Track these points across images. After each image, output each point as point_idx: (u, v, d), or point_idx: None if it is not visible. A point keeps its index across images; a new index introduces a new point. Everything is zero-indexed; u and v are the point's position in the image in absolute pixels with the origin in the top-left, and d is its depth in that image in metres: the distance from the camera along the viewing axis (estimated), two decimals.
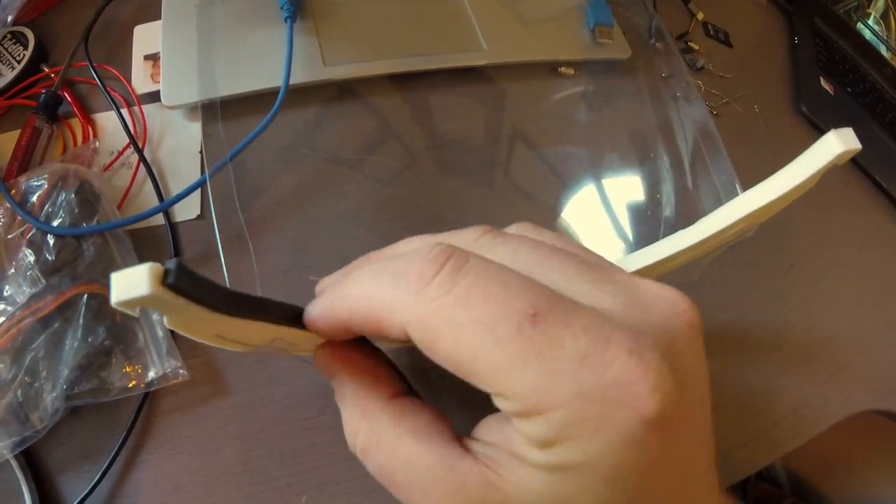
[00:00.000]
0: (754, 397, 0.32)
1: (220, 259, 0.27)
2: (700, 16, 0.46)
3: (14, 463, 0.25)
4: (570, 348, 0.11)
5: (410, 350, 0.14)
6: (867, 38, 0.54)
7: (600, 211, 0.34)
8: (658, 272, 0.20)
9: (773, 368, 0.33)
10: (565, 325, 0.11)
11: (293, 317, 0.15)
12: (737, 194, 0.24)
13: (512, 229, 0.16)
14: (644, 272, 0.20)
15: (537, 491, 0.12)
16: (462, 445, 0.14)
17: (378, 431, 0.15)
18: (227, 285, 0.27)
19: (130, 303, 0.11)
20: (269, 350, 0.18)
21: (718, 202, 0.25)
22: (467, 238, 0.15)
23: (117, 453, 0.25)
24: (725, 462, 0.30)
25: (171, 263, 0.11)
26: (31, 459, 0.25)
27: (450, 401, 0.20)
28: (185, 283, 0.11)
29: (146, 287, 0.11)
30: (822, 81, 0.48)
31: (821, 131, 0.44)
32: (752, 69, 0.45)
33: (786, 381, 0.33)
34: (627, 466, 0.11)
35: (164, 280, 0.11)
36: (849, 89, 0.50)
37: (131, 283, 0.11)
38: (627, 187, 0.36)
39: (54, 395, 0.25)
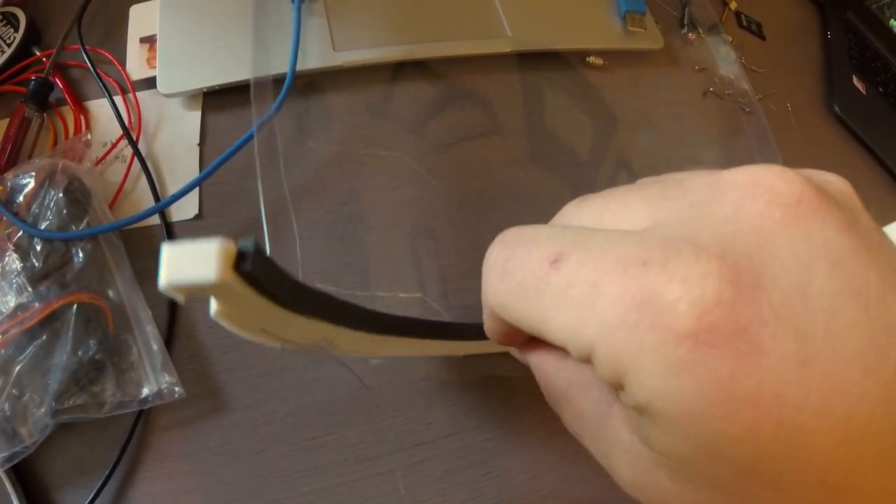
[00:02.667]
0: None
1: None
2: (733, 5, 0.40)
3: (5, 478, 0.22)
4: (585, 279, 0.09)
5: None
6: None
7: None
8: None
9: None
10: (583, 259, 0.09)
11: (373, 322, 0.13)
12: None
13: None
14: None
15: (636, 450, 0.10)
16: None
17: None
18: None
19: (185, 288, 0.08)
20: (308, 348, 0.15)
21: None
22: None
23: (112, 470, 0.22)
24: None
25: (248, 244, 0.08)
26: (22, 475, 0.22)
27: None
28: (263, 272, 0.08)
29: (213, 271, 0.08)
30: (855, 80, 0.42)
31: (853, 134, 0.39)
32: (785, 64, 0.40)
33: None
34: (688, 405, 0.08)
35: (238, 266, 0.08)
36: (880, 89, 0.44)
37: (192, 263, 0.08)
38: None
39: (43, 410, 0.21)
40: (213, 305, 0.10)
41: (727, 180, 0.09)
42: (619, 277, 0.08)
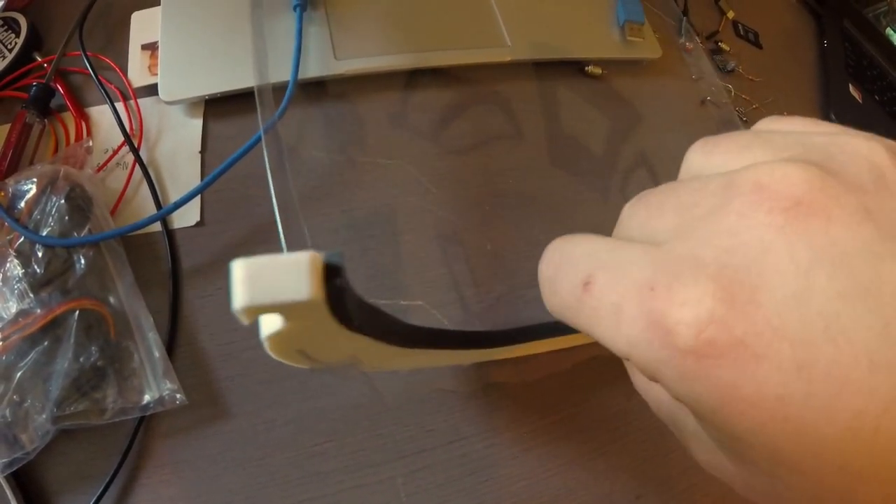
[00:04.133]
0: None
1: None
2: (730, 14, 0.41)
3: (5, 484, 0.22)
4: (610, 302, 0.10)
5: None
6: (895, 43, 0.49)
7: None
8: None
9: None
10: (608, 282, 0.10)
11: (432, 339, 0.13)
12: None
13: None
14: None
15: None
16: None
17: None
18: None
19: (267, 308, 0.07)
20: (337, 367, 0.15)
21: None
22: None
23: (114, 477, 0.22)
24: None
25: (335, 257, 0.08)
26: (22, 481, 0.22)
27: None
28: (349, 294, 0.08)
29: (306, 288, 0.07)
30: (851, 88, 0.44)
31: None
32: (782, 72, 0.41)
33: None
34: (705, 406, 0.09)
35: (329, 282, 0.07)
36: (876, 97, 0.45)
37: (280, 280, 0.07)
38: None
39: (44, 416, 0.22)
40: (272, 327, 0.09)
41: (735, 184, 0.10)
42: (634, 300, 0.10)
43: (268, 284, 0.07)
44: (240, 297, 0.07)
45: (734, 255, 0.09)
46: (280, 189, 0.24)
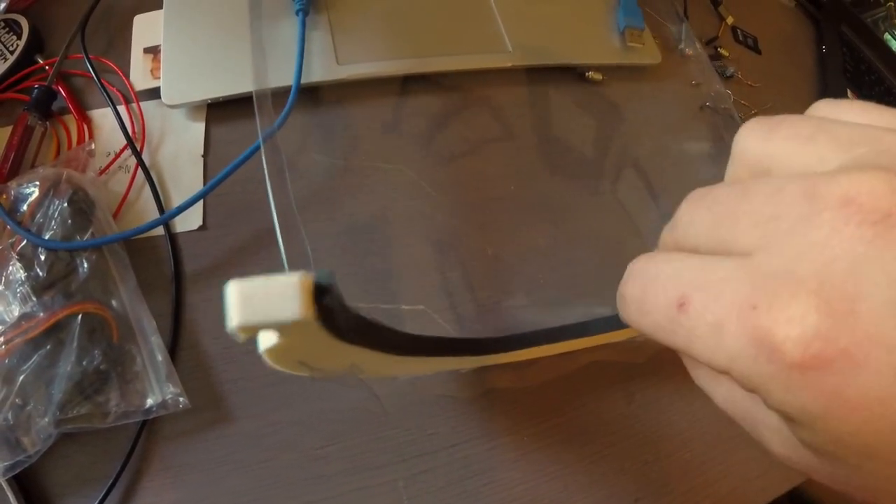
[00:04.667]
0: None
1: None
2: (729, 20, 0.42)
3: (7, 488, 0.22)
4: (709, 322, 0.11)
5: None
6: (894, 48, 0.50)
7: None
8: None
9: None
10: (704, 303, 0.11)
11: (425, 347, 0.13)
12: None
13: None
14: None
15: None
16: None
17: None
18: None
19: (262, 327, 0.08)
20: (337, 374, 0.16)
21: None
22: None
23: (116, 480, 0.22)
24: (738, 492, 0.28)
25: (325, 277, 0.08)
26: (24, 484, 0.23)
27: None
28: (338, 306, 0.08)
29: (297, 309, 0.07)
30: (850, 93, 0.44)
31: None
32: (781, 78, 0.42)
33: None
34: (809, 412, 0.10)
35: (318, 300, 0.08)
36: (874, 102, 0.46)
37: (272, 300, 0.07)
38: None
39: (46, 419, 0.22)
40: (269, 341, 0.09)
41: (822, 195, 0.10)
42: (736, 319, 0.10)
43: (261, 305, 0.07)
44: (235, 318, 0.07)
45: (830, 270, 0.10)
46: (279, 200, 0.24)
